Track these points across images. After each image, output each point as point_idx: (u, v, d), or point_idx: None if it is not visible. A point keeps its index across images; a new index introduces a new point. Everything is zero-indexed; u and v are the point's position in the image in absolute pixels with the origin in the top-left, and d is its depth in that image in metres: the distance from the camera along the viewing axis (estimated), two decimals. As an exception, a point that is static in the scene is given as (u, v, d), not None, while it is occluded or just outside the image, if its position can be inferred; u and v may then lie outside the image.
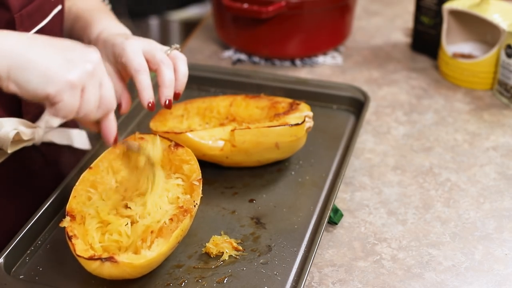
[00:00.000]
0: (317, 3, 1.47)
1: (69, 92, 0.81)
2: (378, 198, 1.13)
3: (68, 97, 0.81)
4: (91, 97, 0.83)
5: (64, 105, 0.81)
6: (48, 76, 0.80)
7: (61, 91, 0.80)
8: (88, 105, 0.83)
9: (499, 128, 1.31)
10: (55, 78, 0.80)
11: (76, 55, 0.83)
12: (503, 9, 1.40)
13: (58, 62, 0.81)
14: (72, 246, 0.90)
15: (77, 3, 1.20)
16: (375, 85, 1.45)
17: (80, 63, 0.82)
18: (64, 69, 0.80)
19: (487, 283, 0.98)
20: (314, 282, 0.98)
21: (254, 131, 1.09)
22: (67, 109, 0.82)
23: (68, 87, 0.80)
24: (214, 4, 1.56)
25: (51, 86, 0.80)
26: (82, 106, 0.83)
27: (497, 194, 1.14)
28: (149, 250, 0.90)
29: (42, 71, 0.79)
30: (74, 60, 0.82)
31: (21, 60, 0.79)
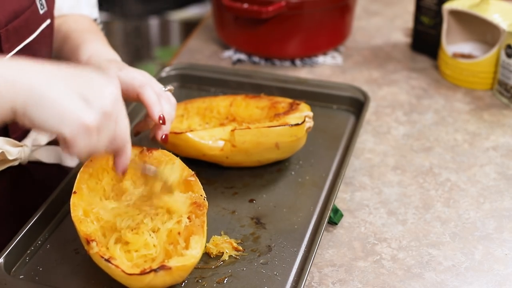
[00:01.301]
0: (317, 3, 1.47)
1: (84, 135, 0.77)
2: (378, 198, 1.13)
3: (83, 140, 0.78)
4: (105, 136, 0.80)
5: (77, 146, 0.78)
6: (64, 117, 0.76)
7: (76, 133, 0.77)
8: (101, 144, 0.80)
9: (499, 128, 1.31)
10: (71, 120, 0.76)
11: (94, 91, 0.78)
12: (503, 9, 1.40)
13: (75, 102, 0.76)
14: (117, 268, 0.87)
15: (67, 21, 1.17)
16: (375, 85, 1.45)
17: (97, 103, 0.78)
18: (80, 110, 0.76)
19: (487, 283, 0.98)
20: (314, 282, 0.98)
21: (254, 131, 1.09)
22: (80, 150, 0.79)
23: (83, 130, 0.77)
24: (214, 4, 1.56)
25: (66, 128, 0.76)
26: (95, 146, 0.80)
27: (497, 194, 1.14)
28: (191, 249, 0.89)
29: (58, 112, 0.76)
30: (91, 99, 0.78)
31: (38, 97, 0.76)
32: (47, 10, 1.06)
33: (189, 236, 0.91)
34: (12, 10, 0.97)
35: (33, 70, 0.78)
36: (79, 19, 1.18)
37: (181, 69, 1.39)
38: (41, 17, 1.04)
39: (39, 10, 1.03)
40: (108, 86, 0.80)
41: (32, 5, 1.02)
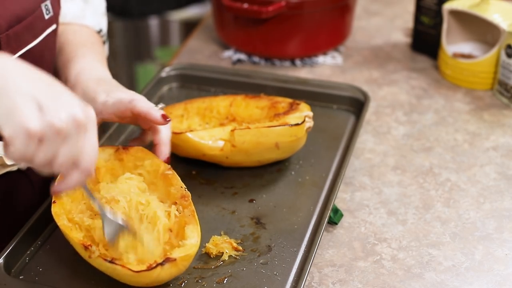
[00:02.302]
0: (317, 3, 1.47)
1: (23, 140, 0.74)
2: (378, 198, 1.13)
3: (20, 145, 0.74)
4: (46, 152, 0.76)
5: (15, 151, 0.75)
6: (11, 115, 0.74)
7: (15, 136, 0.74)
8: (38, 157, 0.76)
9: (499, 128, 1.31)
10: (16, 121, 0.74)
11: (54, 106, 0.76)
12: (503, 9, 1.40)
13: (27, 106, 0.74)
14: (123, 268, 0.87)
15: (66, 32, 1.15)
16: (375, 85, 1.45)
17: (51, 115, 0.75)
18: (29, 113, 0.74)
19: (487, 283, 0.98)
20: (314, 282, 0.98)
21: (254, 131, 1.09)
22: (16, 155, 0.75)
23: (23, 134, 0.74)
24: (214, 4, 1.56)
25: (8, 126, 0.74)
26: (33, 158, 0.76)
27: (497, 194, 1.14)
28: (189, 238, 0.90)
29: (8, 108, 0.74)
30: (48, 109, 0.75)
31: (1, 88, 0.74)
32: (53, 16, 1.04)
33: (183, 227, 0.92)
34: (14, 14, 0.96)
35: (9, 64, 0.77)
36: (79, 30, 1.16)
37: (181, 69, 1.38)
38: (46, 22, 1.03)
39: (44, 15, 1.02)
40: (72, 107, 0.77)
41: (36, 10, 1.00)
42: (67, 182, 0.81)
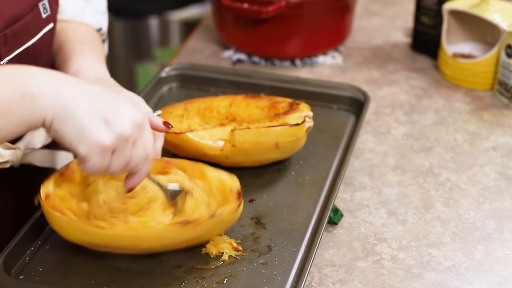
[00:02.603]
0: (317, 3, 1.47)
1: (99, 155, 0.81)
2: (378, 198, 1.13)
3: (96, 159, 0.82)
4: (119, 160, 0.84)
5: (92, 165, 0.82)
6: (83, 135, 0.80)
7: (91, 152, 0.81)
8: (114, 165, 0.84)
9: (499, 128, 1.31)
10: (89, 139, 0.80)
11: (117, 116, 0.82)
12: (503, 9, 1.40)
13: (96, 123, 0.81)
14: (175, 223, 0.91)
15: (66, 30, 1.15)
16: (375, 85, 1.45)
17: (116, 126, 0.81)
18: (99, 130, 0.81)
19: (487, 283, 0.98)
20: (314, 282, 0.98)
21: (254, 131, 1.09)
22: (94, 169, 0.83)
23: (98, 150, 0.81)
24: (214, 4, 1.56)
25: (83, 146, 0.81)
26: (110, 167, 0.84)
27: (497, 194, 1.14)
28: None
29: (78, 129, 0.80)
30: (112, 121, 0.81)
31: (64, 113, 0.80)
32: (50, 14, 1.04)
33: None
34: (12, 14, 0.96)
35: (66, 85, 0.82)
36: (78, 28, 1.16)
37: (181, 69, 1.38)
38: (43, 21, 1.03)
39: (42, 14, 1.02)
40: (131, 113, 0.83)
41: (34, 9, 1.00)
42: (140, 175, 0.89)
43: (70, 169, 0.97)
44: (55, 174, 0.96)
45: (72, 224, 0.91)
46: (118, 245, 0.92)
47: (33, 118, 0.81)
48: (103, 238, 0.91)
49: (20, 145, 1.05)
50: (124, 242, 0.91)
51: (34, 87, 0.80)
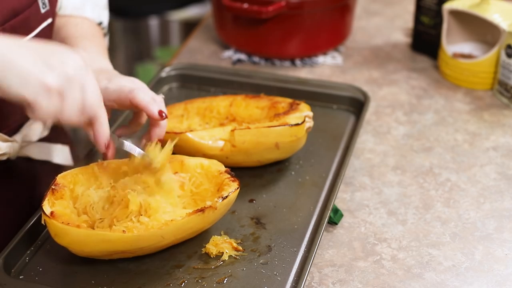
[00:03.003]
0: (317, 3, 1.47)
1: (46, 95, 0.81)
2: (378, 198, 1.13)
3: (44, 101, 0.81)
4: (72, 101, 0.83)
5: (41, 108, 0.82)
6: (26, 79, 0.81)
7: (37, 94, 0.81)
8: (68, 109, 0.83)
9: (499, 128, 1.31)
10: (32, 82, 0.81)
11: (57, 59, 0.83)
12: (503, 9, 1.40)
13: (38, 66, 0.81)
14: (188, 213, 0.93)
15: (68, 25, 1.16)
16: (375, 85, 1.45)
17: (59, 67, 0.82)
18: (42, 72, 0.81)
19: (487, 283, 0.98)
20: (314, 282, 0.98)
21: (254, 131, 1.09)
22: (44, 112, 0.82)
23: (44, 90, 0.81)
24: (214, 4, 1.56)
25: (28, 89, 0.81)
26: (63, 111, 0.83)
27: (497, 194, 1.14)
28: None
29: (21, 74, 0.80)
30: (54, 64, 0.82)
31: (6, 63, 0.80)
32: (49, 9, 1.05)
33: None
34: (11, 8, 0.97)
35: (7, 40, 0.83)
36: (80, 23, 1.17)
37: (181, 69, 1.38)
38: (42, 16, 1.03)
39: (41, 9, 1.03)
40: (71, 56, 0.84)
41: (33, 4, 1.01)
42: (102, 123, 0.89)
43: (59, 185, 0.96)
44: (48, 192, 0.95)
45: (90, 236, 0.90)
46: (141, 246, 0.92)
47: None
48: (127, 243, 0.91)
49: (17, 137, 1.06)
50: (148, 242, 0.92)
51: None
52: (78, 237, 0.90)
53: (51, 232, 0.92)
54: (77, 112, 0.85)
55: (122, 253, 0.92)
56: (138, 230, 0.90)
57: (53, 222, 0.90)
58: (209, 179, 1.02)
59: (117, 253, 0.92)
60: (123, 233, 0.90)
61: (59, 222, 0.90)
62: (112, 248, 0.91)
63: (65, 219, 0.91)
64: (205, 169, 1.02)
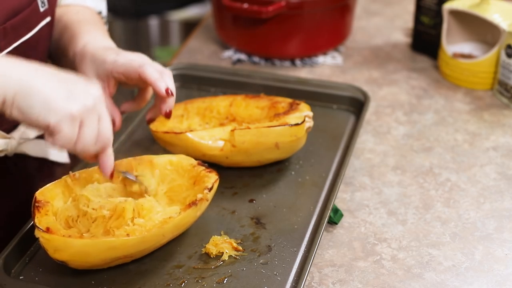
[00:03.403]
0: (317, 3, 1.47)
1: (69, 123, 0.83)
2: (378, 198, 1.13)
3: (67, 128, 0.83)
4: (89, 131, 0.86)
5: (62, 136, 0.84)
6: (51, 106, 0.82)
7: (61, 121, 0.83)
8: (85, 138, 0.86)
9: (499, 128, 1.31)
10: (57, 109, 0.82)
11: (78, 88, 0.85)
12: (503, 9, 1.40)
13: (61, 94, 0.83)
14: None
15: (69, 12, 1.16)
16: (375, 85, 1.45)
17: (81, 97, 0.84)
18: (66, 101, 0.83)
19: (487, 283, 0.98)
20: (314, 282, 0.98)
21: (254, 131, 1.09)
22: (65, 140, 0.84)
23: (68, 118, 0.83)
24: (214, 4, 1.56)
25: (52, 116, 0.82)
26: (80, 139, 0.85)
27: (497, 194, 1.14)
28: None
29: (45, 101, 0.82)
30: (76, 93, 0.84)
31: (27, 88, 0.81)
32: (47, 8, 1.05)
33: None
34: (11, 8, 0.97)
35: (24, 65, 0.84)
36: (81, 11, 1.17)
37: (181, 69, 1.38)
38: (41, 14, 1.04)
39: (40, 8, 1.03)
40: (91, 87, 0.87)
41: (32, 3, 1.01)
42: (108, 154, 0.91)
43: (41, 202, 0.95)
44: (34, 210, 0.93)
45: (94, 245, 0.89)
46: (144, 248, 0.92)
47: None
48: (132, 246, 0.91)
49: (15, 135, 1.07)
50: (150, 243, 0.92)
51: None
52: (82, 248, 0.89)
53: (49, 249, 0.90)
54: (92, 141, 0.87)
55: (124, 258, 0.92)
56: (140, 232, 0.90)
57: (53, 237, 0.89)
58: (180, 174, 1.03)
59: (119, 259, 0.92)
60: (127, 237, 0.89)
61: (60, 236, 0.89)
62: (115, 255, 0.91)
63: (64, 233, 0.90)
64: (175, 165, 1.03)
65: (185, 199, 0.99)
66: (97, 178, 1.01)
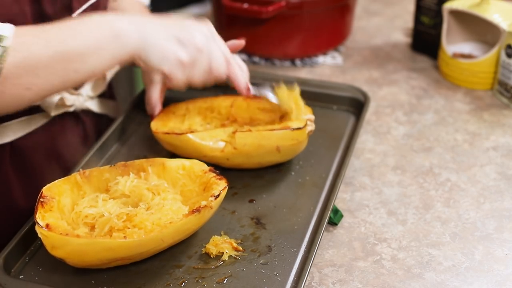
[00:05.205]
0: (317, 3, 1.47)
1: (180, 69, 1.01)
2: (378, 198, 1.13)
3: (179, 73, 1.01)
4: (200, 69, 1.02)
5: (176, 78, 1.01)
6: (165, 55, 0.99)
7: (173, 69, 1.00)
8: (197, 75, 1.03)
9: (499, 128, 1.31)
10: (169, 57, 1.00)
11: (187, 33, 1.01)
12: (503, 9, 1.40)
13: (172, 45, 0.99)
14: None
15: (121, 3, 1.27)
16: (375, 85, 1.45)
17: (189, 42, 1.00)
18: (176, 49, 1.00)
19: (487, 283, 0.98)
20: (314, 282, 0.98)
21: (255, 134, 1.08)
22: (179, 81, 1.02)
23: (179, 65, 1.00)
24: (214, 4, 1.56)
25: (166, 64, 1.00)
26: (193, 76, 1.03)
27: (497, 194, 1.14)
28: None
29: (160, 51, 0.99)
30: (185, 39, 1.00)
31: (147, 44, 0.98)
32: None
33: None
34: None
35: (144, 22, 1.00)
36: (132, 2, 1.30)
37: (181, 69, 1.38)
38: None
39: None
40: (198, 28, 1.03)
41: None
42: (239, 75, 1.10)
43: (47, 198, 0.95)
44: (37, 205, 0.94)
45: (91, 244, 0.89)
46: (142, 251, 0.92)
47: (123, 53, 0.98)
48: (128, 249, 0.90)
49: (82, 91, 1.19)
50: (148, 246, 0.92)
51: (119, 27, 0.97)
52: (78, 246, 0.89)
53: (47, 245, 0.90)
54: (204, 75, 1.03)
55: (122, 259, 0.92)
56: (139, 235, 0.90)
57: (51, 234, 0.89)
58: (192, 180, 1.02)
59: (116, 260, 0.92)
60: (124, 239, 0.89)
61: (57, 233, 0.89)
62: (112, 256, 0.90)
63: (62, 230, 0.90)
64: (187, 170, 1.03)
65: (194, 204, 0.98)
66: (107, 177, 1.01)
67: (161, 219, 0.93)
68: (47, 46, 0.93)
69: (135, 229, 0.91)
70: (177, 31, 1.00)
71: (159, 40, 0.99)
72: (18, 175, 1.12)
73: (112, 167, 1.01)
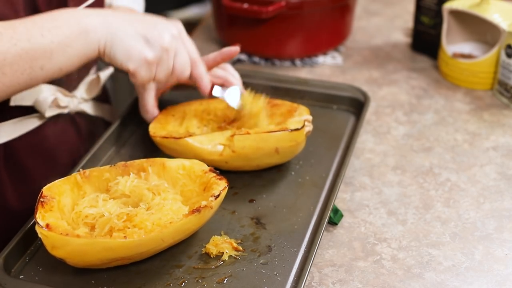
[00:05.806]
0: (317, 3, 1.47)
1: (145, 68, 1.01)
2: (378, 198, 1.13)
3: (144, 71, 1.01)
4: (163, 69, 1.02)
5: (141, 77, 1.02)
6: (130, 53, 0.99)
7: (138, 67, 1.00)
8: (160, 74, 1.03)
9: (499, 128, 1.31)
10: (135, 56, 0.99)
11: (155, 32, 1.00)
12: (503, 9, 1.40)
13: (139, 41, 0.99)
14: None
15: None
16: (375, 85, 1.45)
17: (156, 42, 1.00)
18: (143, 48, 0.99)
19: (487, 283, 0.98)
20: (314, 282, 0.98)
21: (253, 137, 1.08)
22: (143, 79, 1.02)
23: (144, 64, 1.00)
24: (214, 4, 1.56)
25: (131, 63, 1.00)
26: (156, 76, 1.03)
27: (497, 194, 1.14)
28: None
29: (126, 50, 0.99)
30: (152, 39, 1.00)
31: (114, 40, 0.99)
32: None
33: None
34: None
35: (113, 17, 1.00)
36: (126, 10, 1.29)
37: (181, 69, 1.38)
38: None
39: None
40: (167, 27, 1.02)
41: None
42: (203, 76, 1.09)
43: (47, 197, 0.95)
44: (38, 205, 0.94)
45: (91, 244, 0.89)
46: (142, 251, 0.92)
47: (89, 50, 0.98)
48: (128, 249, 0.90)
49: (76, 94, 1.19)
50: (148, 246, 0.92)
51: (87, 24, 0.97)
52: (78, 246, 0.89)
53: (47, 245, 0.90)
54: (167, 75, 1.04)
55: (121, 259, 0.92)
56: (139, 235, 0.90)
57: (51, 234, 0.89)
58: (192, 180, 1.02)
59: (117, 260, 0.92)
60: (124, 239, 0.89)
61: (57, 233, 0.89)
62: (113, 256, 0.90)
63: (63, 230, 0.90)
64: (188, 170, 1.02)
65: (194, 204, 0.98)
66: (107, 177, 1.01)
67: (161, 219, 0.93)
68: (13, 44, 0.92)
69: (135, 229, 0.91)
70: (145, 30, 1.00)
71: (126, 38, 0.99)
72: (11, 176, 1.12)
73: (112, 167, 1.01)
